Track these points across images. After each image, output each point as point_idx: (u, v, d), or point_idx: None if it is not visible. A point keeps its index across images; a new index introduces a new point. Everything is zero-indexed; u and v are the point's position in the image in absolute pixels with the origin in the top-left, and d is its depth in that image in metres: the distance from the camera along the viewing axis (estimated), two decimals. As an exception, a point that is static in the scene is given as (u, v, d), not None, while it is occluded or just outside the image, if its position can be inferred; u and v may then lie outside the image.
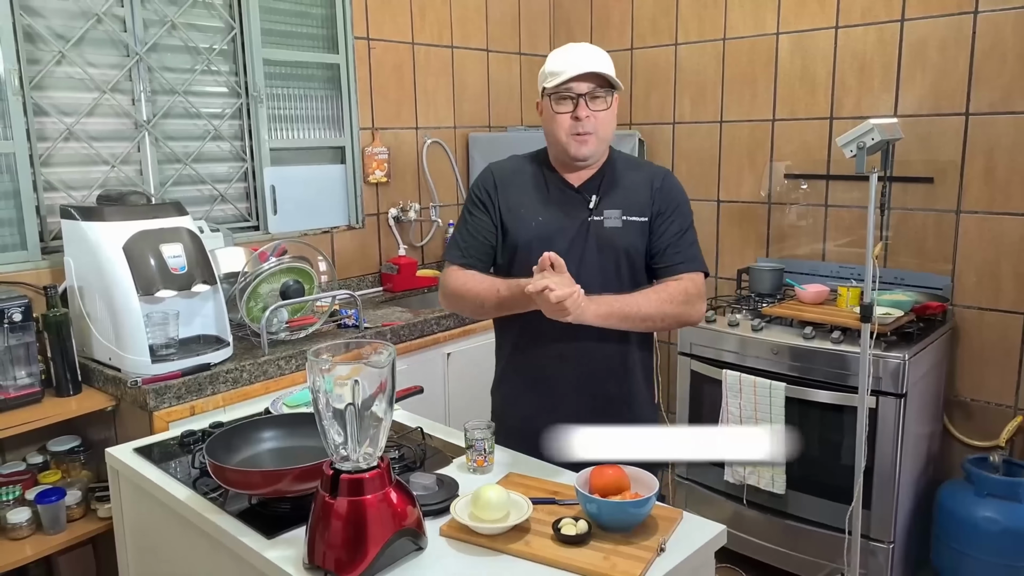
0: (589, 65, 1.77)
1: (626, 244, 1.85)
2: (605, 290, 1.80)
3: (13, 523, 2.18)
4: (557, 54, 1.82)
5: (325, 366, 1.29)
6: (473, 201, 1.94)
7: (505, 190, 1.91)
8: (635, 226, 1.85)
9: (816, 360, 2.70)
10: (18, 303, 2.17)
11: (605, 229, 1.84)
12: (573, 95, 1.79)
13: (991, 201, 2.88)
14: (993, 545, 2.63)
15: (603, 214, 1.85)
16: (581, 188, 1.88)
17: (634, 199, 1.87)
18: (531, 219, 1.87)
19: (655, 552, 1.33)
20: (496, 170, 1.97)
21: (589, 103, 1.79)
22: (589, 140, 1.81)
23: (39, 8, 2.48)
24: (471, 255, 1.90)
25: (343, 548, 1.28)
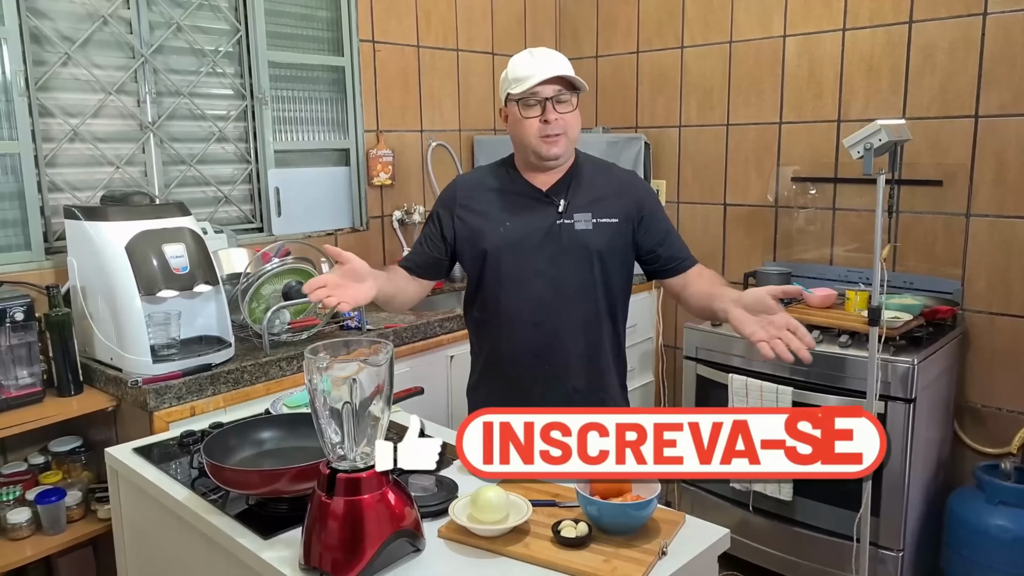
0: (553, 69, 1.80)
1: (599, 246, 1.88)
2: (579, 292, 1.88)
3: (13, 523, 2.17)
4: (519, 60, 1.85)
5: (322, 364, 1.27)
6: (433, 214, 2.00)
7: (468, 200, 1.95)
8: (607, 227, 1.88)
9: (823, 364, 2.67)
10: (20, 302, 2.17)
11: (576, 232, 1.87)
12: (540, 99, 1.81)
13: (1001, 204, 2.85)
14: (1005, 554, 2.59)
15: (573, 217, 1.88)
16: (549, 192, 1.90)
17: (604, 201, 1.90)
18: (498, 225, 1.90)
19: (656, 555, 1.31)
20: (461, 182, 2.02)
21: (556, 106, 1.82)
22: (559, 140, 1.84)
23: (46, 10, 2.48)
24: (411, 260, 2.00)
25: (339, 549, 1.26)
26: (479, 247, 1.91)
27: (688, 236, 3.70)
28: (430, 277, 2.01)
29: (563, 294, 1.88)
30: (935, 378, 2.70)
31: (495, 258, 1.90)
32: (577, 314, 1.90)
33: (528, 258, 1.88)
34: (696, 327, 3.06)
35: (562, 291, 1.88)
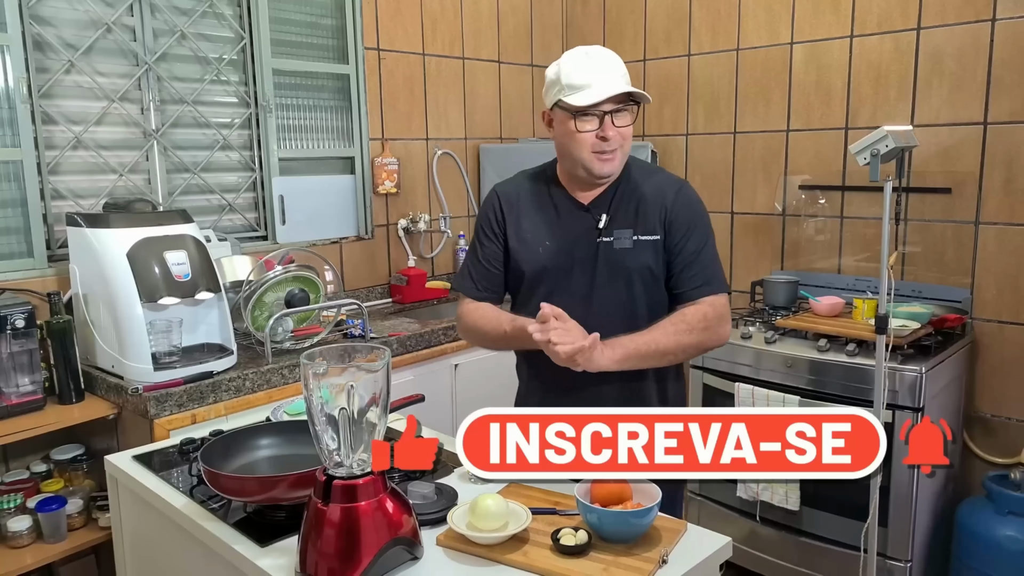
0: (618, 83, 1.65)
1: (638, 266, 1.73)
2: (617, 316, 1.72)
3: (14, 531, 2.17)
4: (575, 64, 1.68)
5: (319, 371, 1.26)
6: (481, 228, 1.86)
7: (511, 214, 1.82)
8: (647, 245, 1.73)
9: (831, 373, 2.65)
10: (21, 310, 2.17)
11: (615, 251, 1.73)
12: (599, 112, 1.66)
13: (1011, 212, 2.82)
14: (1014, 565, 2.55)
15: (613, 235, 1.74)
16: (591, 206, 1.77)
17: (645, 216, 1.74)
18: (538, 245, 1.78)
19: (656, 564, 1.29)
20: (501, 193, 1.87)
21: (615, 120, 1.67)
22: (615, 157, 1.70)
23: (49, 17, 2.49)
24: (483, 287, 1.84)
25: (335, 556, 1.24)
26: (518, 268, 1.80)
27: (694, 244, 3.69)
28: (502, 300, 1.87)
29: (599, 319, 1.69)
30: (944, 387, 2.67)
31: (532, 282, 1.79)
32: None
33: (565, 282, 1.76)
34: (702, 335, 3.03)
35: (599, 317, 1.70)
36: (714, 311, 1.72)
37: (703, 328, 1.70)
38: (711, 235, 1.78)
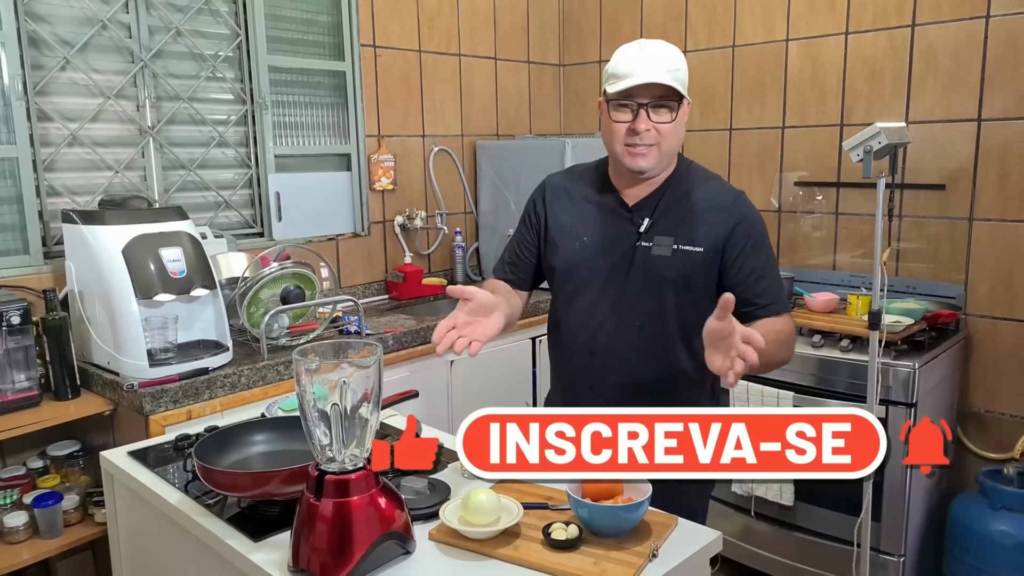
0: (656, 73, 1.56)
1: (674, 275, 1.66)
2: (647, 324, 1.69)
3: (10, 527, 2.17)
4: (624, 53, 1.63)
5: (311, 367, 1.27)
6: (523, 216, 1.85)
7: (555, 204, 1.80)
8: (688, 256, 1.66)
9: (825, 369, 2.66)
10: (17, 306, 2.17)
11: (652, 257, 1.67)
12: (634, 104, 1.60)
13: (1004, 208, 2.83)
14: (1008, 559, 2.56)
15: (652, 240, 1.67)
16: (635, 208, 1.71)
17: (692, 225, 1.67)
18: (575, 239, 1.74)
19: (646, 558, 1.30)
20: (549, 183, 1.84)
21: (651, 113, 1.60)
22: (649, 153, 1.63)
23: (44, 14, 2.50)
24: (510, 270, 1.84)
25: (327, 551, 1.25)
26: (552, 262, 1.78)
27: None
28: (531, 287, 1.86)
29: (626, 323, 1.68)
30: (937, 383, 2.68)
31: (564, 276, 1.76)
32: (638, 348, 1.70)
33: (597, 281, 1.72)
34: (697, 332, 3.04)
35: (626, 319, 1.68)
36: (791, 329, 1.65)
37: (790, 346, 1.63)
38: (771, 249, 1.72)
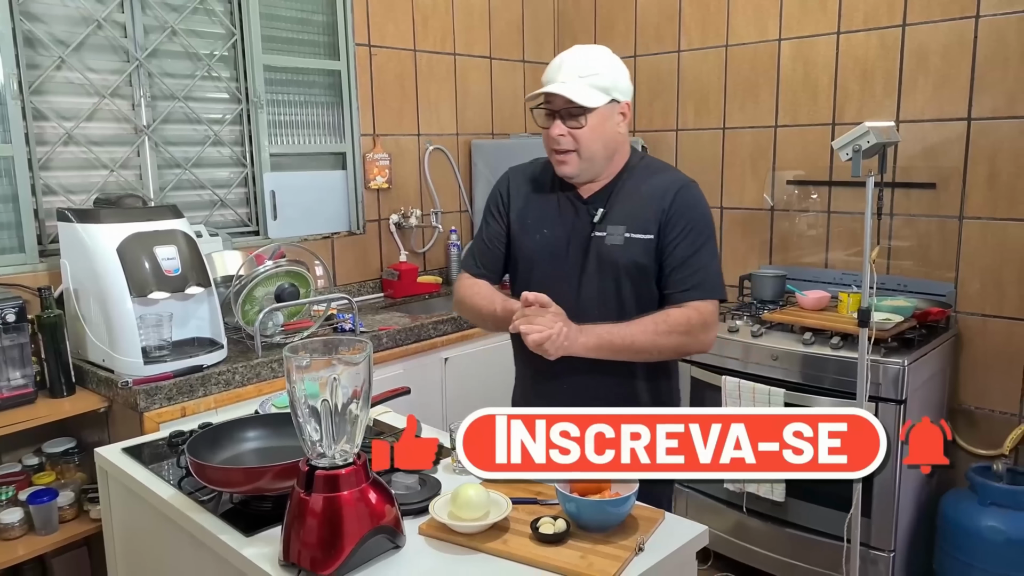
0: (564, 83, 1.66)
1: (627, 263, 1.73)
2: (603, 310, 1.73)
3: (5, 523, 2.19)
4: (553, 59, 1.73)
5: (302, 363, 1.28)
6: (489, 208, 1.89)
7: (517, 195, 1.85)
8: (638, 244, 1.73)
9: (815, 366, 2.68)
10: (12, 304, 2.19)
11: (606, 246, 1.74)
12: (550, 111, 1.70)
13: (994, 207, 2.85)
14: (997, 555, 2.58)
15: (606, 230, 1.75)
16: (589, 200, 1.79)
17: (640, 214, 1.74)
18: (536, 231, 1.81)
19: (633, 551, 1.32)
20: (512, 175, 1.90)
21: (565, 120, 1.69)
22: (569, 159, 1.72)
23: (40, 14, 2.51)
24: (482, 265, 1.87)
25: (317, 545, 1.27)
26: (517, 251, 1.83)
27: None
28: (502, 279, 1.90)
29: (585, 311, 1.71)
30: (927, 380, 2.70)
31: (527, 267, 1.82)
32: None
33: (557, 272, 1.77)
34: (690, 329, 3.06)
35: (584, 307, 1.72)
36: (699, 317, 1.71)
37: (684, 332, 1.69)
38: (710, 239, 1.76)
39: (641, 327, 1.68)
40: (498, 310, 1.76)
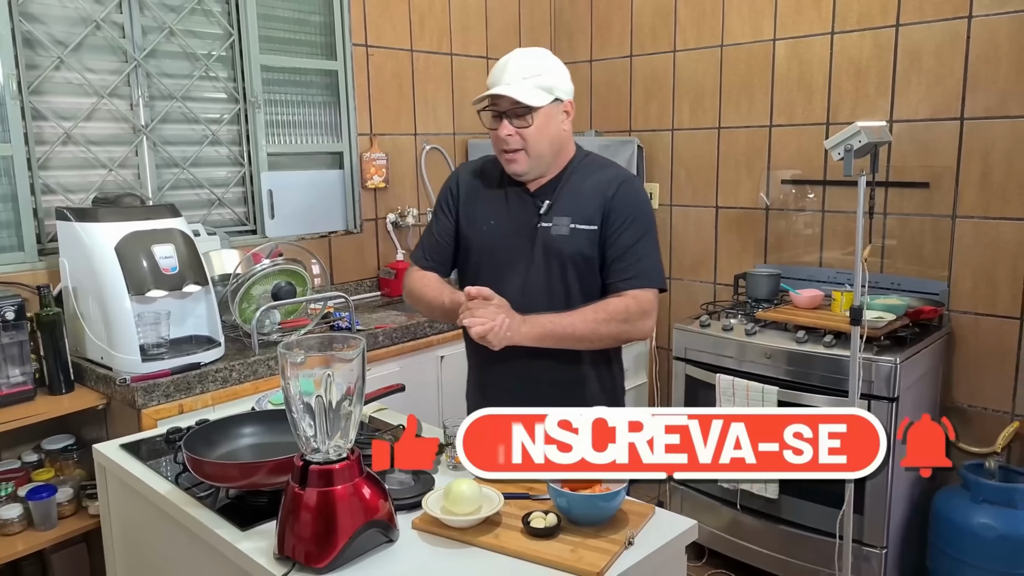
0: (509, 84, 1.72)
1: (572, 252, 1.80)
2: (550, 299, 1.80)
3: (5, 519, 2.21)
4: (497, 63, 1.80)
5: (296, 360, 1.30)
6: (438, 203, 1.97)
7: (466, 190, 1.92)
8: (583, 234, 1.80)
9: (809, 364, 2.70)
10: (12, 302, 2.21)
11: (552, 237, 1.81)
12: (497, 112, 1.76)
13: (987, 206, 2.87)
14: (989, 551, 2.60)
15: (552, 221, 1.81)
16: (536, 193, 1.85)
17: (585, 206, 1.81)
18: (484, 223, 1.87)
19: (623, 545, 1.34)
20: (462, 171, 1.98)
21: (512, 120, 1.74)
22: (518, 158, 1.78)
23: (39, 14, 2.53)
24: (431, 258, 1.94)
25: (312, 539, 1.29)
26: (466, 245, 1.90)
27: (681, 239, 3.74)
28: (451, 272, 1.97)
29: (533, 300, 1.78)
30: (919, 378, 2.72)
31: (476, 258, 1.88)
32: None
33: (505, 261, 1.84)
34: (685, 328, 3.08)
35: (532, 297, 1.79)
36: (637, 305, 1.77)
37: (623, 320, 1.76)
38: (650, 230, 1.83)
39: (581, 316, 1.74)
40: (446, 302, 1.82)
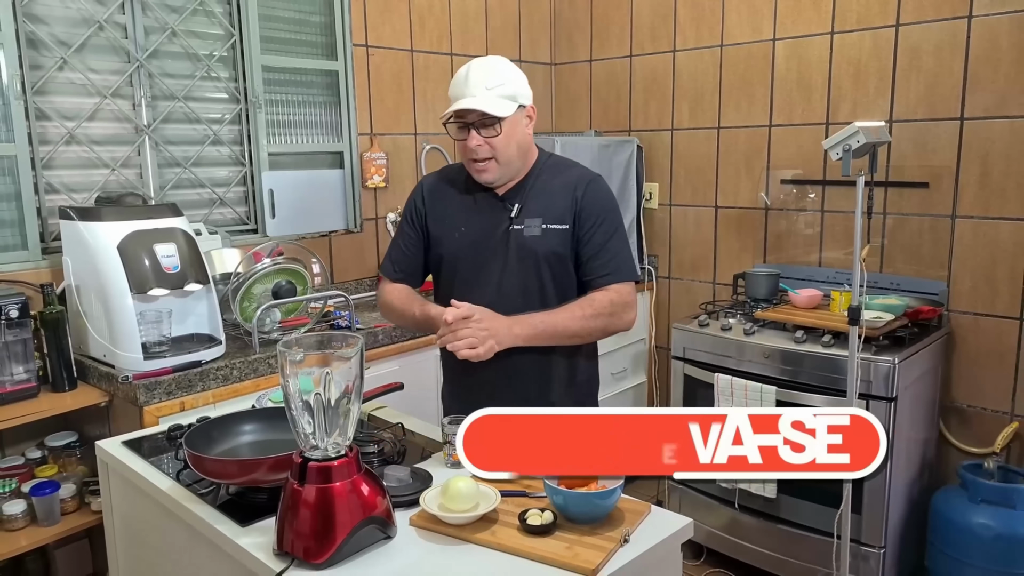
0: (474, 97, 1.76)
1: (546, 252, 1.84)
2: (526, 299, 1.84)
3: (9, 514, 2.23)
4: (456, 77, 1.83)
5: (295, 358, 1.32)
6: (405, 216, 2.00)
7: (433, 201, 1.96)
8: (555, 233, 1.85)
9: (807, 364, 2.71)
10: (15, 300, 2.23)
11: (525, 238, 1.85)
12: (464, 124, 1.80)
13: (986, 206, 2.88)
14: (988, 551, 2.61)
15: (524, 222, 1.85)
16: (505, 196, 1.89)
17: (555, 206, 1.86)
18: (455, 229, 1.90)
19: (618, 543, 1.35)
20: (427, 182, 2.01)
21: (480, 130, 1.78)
22: (489, 167, 1.82)
23: (42, 15, 2.54)
24: (400, 270, 1.98)
25: (310, 535, 1.30)
26: (437, 252, 1.93)
27: (680, 238, 3.75)
28: (421, 282, 2.01)
29: (509, 301, 1.82)
30: (918, 378, 2.73)
31: (451, 265, 1.92)
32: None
33: (480, 265, 1.88)
34: (683, 328, 3.09)
35: (508, 298, 1.83)
36: (620, 298, 1.84)
37: (609, 314, 1.83)
38: (620, 226, 1.90)
39: (570, 313, 1.80)
40: (416, 313, 1.88)
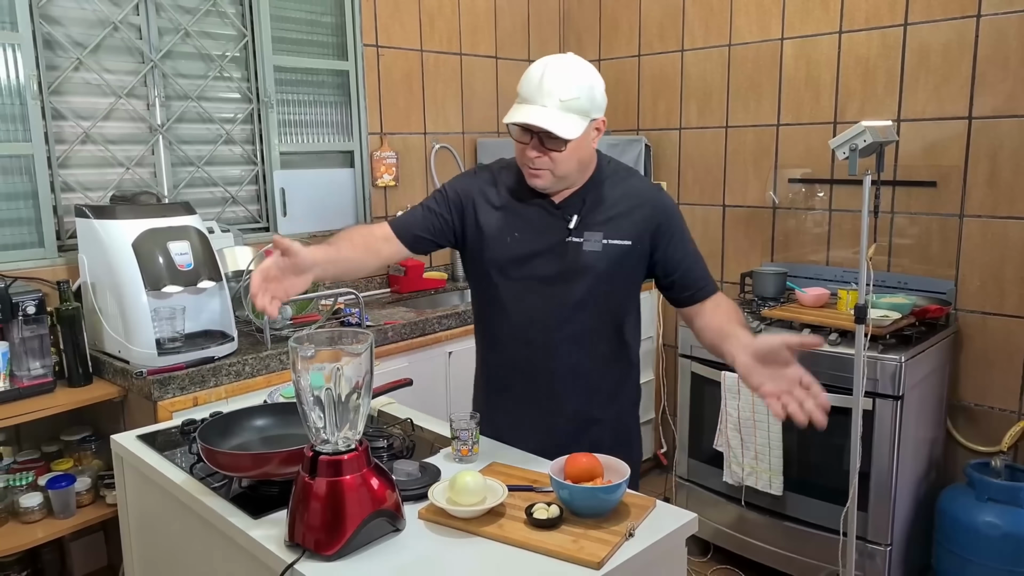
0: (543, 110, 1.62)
1: (606, 267, 1.75)
2: (581, 312, 1.76)
3: (25, 507, 2.27)
4: (528, 77, 1.67)
5: (306, 354, 1.34)
6: (445, 190, 1.84)
7: (485, 198, 1.82)
8: (617, 250, 1.75)
9: (814, 362, 2.68)
10: (32, 297, 2.27)
11: (583, 252, 1.75)
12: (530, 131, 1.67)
13: (995, 205, 2.88)
14: (994, 550, 2.62)
15: (583, 236, 1.75)
16: (562, 205, 1.77)
17: (617, 222, 1.75)
18: (507, 235, 1.78)
19: (623, 537, 1.37)
20: (483, 175, 1.86)
21: (545, 141, 1.66)
22: (543, 175, 1.71)
23: (58, 17, 2.58)
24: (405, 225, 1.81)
25: (321, 528, 1.33)
26: (483, 256, 1.81)
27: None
28: (413, 249, 1.82)
29: (560, 314, 1.76)
30: (925, 376, 2.74)
31: (497, 272, 1.80)
32: (571, 336, 1.78)
33: (529, 275, 1.78)
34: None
35: (559, 311, 1.76)
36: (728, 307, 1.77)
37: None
38: (688, 234, 1.82)
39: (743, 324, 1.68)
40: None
